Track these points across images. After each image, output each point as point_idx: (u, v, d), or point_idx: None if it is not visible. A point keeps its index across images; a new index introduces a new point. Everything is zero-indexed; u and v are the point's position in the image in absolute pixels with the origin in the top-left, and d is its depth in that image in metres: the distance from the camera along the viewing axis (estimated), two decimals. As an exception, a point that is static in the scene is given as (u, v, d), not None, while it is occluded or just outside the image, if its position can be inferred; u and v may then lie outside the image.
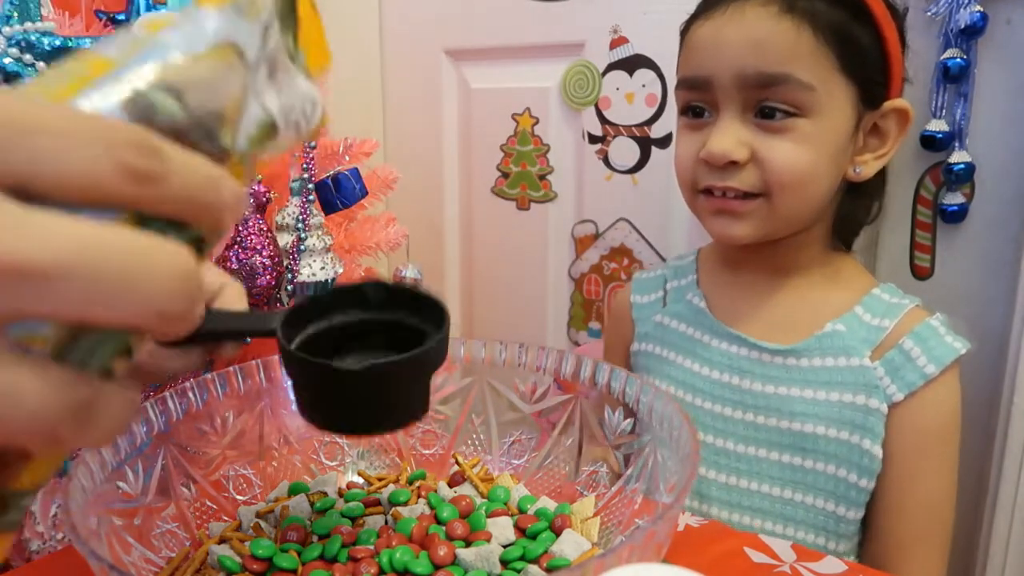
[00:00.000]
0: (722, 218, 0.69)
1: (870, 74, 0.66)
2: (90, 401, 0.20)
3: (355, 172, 0.82)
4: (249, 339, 0.46)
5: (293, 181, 0.79)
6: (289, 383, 0.44)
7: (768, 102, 0.65)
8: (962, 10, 0.84)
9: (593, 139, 1.14)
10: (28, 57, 0.57)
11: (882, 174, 0.73)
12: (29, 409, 0.19)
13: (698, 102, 0.69)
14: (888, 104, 0.68)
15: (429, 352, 0.41)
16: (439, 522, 0.51)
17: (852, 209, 0.73)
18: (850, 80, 0.65)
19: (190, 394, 0.54)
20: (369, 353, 0.43)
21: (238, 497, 0.57)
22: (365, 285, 0.44)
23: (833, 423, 0.68)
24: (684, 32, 0.72)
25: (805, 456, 0.69)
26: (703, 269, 0.80)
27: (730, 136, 0.66)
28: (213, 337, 0.43)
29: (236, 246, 0.71)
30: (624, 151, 1.12)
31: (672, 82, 1.05)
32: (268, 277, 0.74)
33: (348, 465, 0.62)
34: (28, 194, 0.19)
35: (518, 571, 0.46)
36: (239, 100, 0.30)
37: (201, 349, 0.43)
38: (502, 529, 0.50)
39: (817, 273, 0.73)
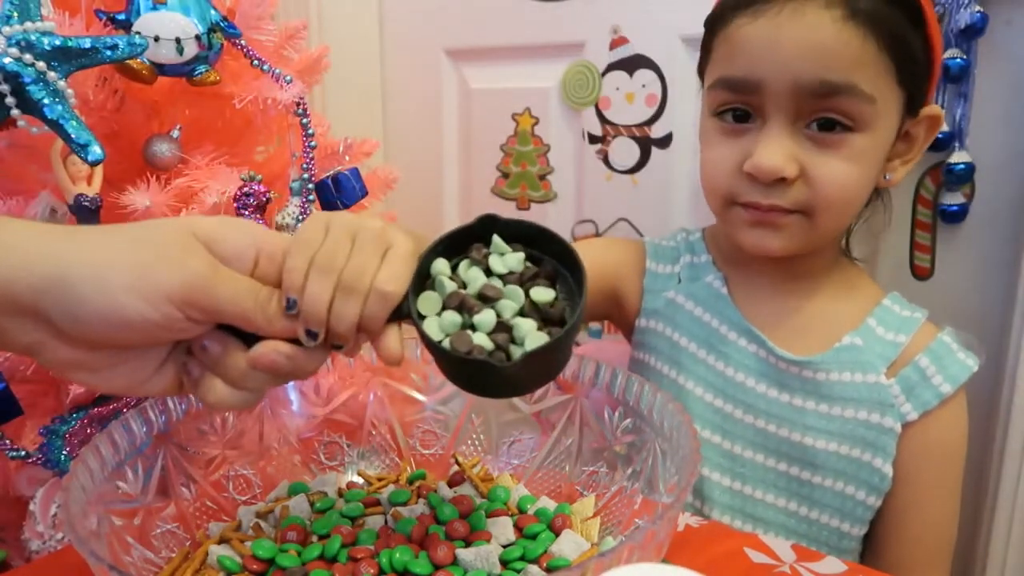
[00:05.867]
0: (759, 230, 0.65)
1: (919, 82, 0.63)
2: None
3: (355, 172, 0.82)
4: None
5: (293, 181, 0.79)
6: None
7: (827, 113, 0.60)
8: (962, 10, 0.84)
9: (593, 139, 1.14)
10: (28, 57, 0.57)
11: None
12: None
13: (742, 105, 0.64)
14: (924, 111, 0.65)
15: (577, 323, 0.42)
16: (439, 522, 0.51)
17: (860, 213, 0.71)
18: (903, 89, 0.62)
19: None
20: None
21: (238, 497, 0.57)
22: (475, 223, 0.45)
23: (845, 440, 0.66)
24: (718, 25, 0.65)
25: (814, 471, 0.68)
26: (714, 249, 0.76)
27: (781, 150, 0.61)
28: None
29: (236, 246, 0.71)
30: (624, 151, 1.12)
31: (672, 82, 1.06)
32: (268, 277, 0.73)
33: (348, 465, 0.62)
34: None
35: (518, 571, 0.46)
36: None
37: (325, 348, 0.43)
38: (502, 529, 0.50)
39: (828, 280, 0.71)
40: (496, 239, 0.44)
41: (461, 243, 0.45)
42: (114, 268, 0.37)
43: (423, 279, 0.44)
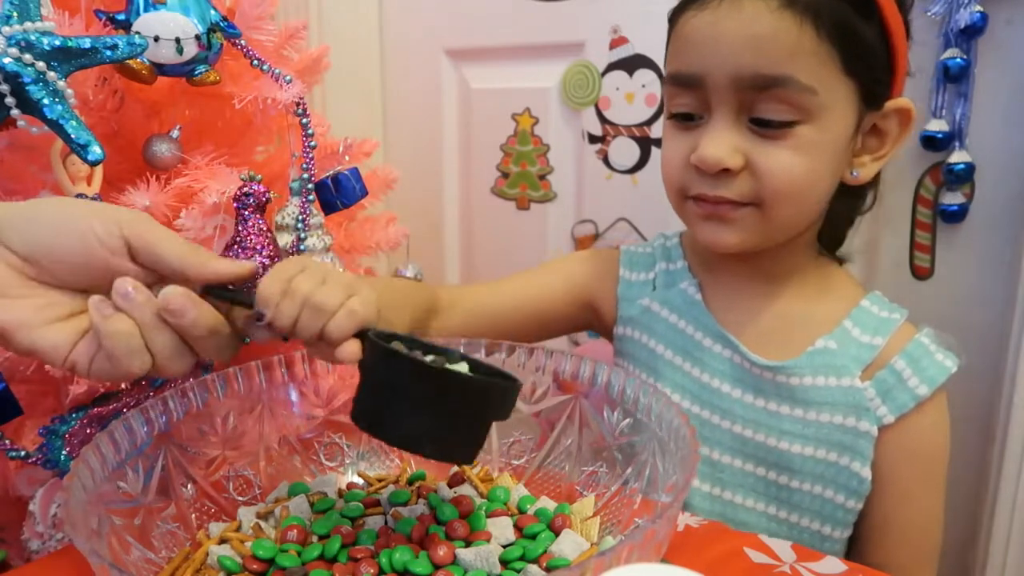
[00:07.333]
0: (711, 224, 0.65)
1: (874, 73, 0.62)
2: None
3: (355, 172, 0.82)
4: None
5: (293, 181, 0.79)
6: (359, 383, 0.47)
7: (763, 112, 0.60)
8: (962, 10, 0.84)
9: (593, 139, 1.14)
10: (28, 57, 0.57)
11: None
12: None
13: (686, 108, 0.65)
14: (890, 104, 0.64)
15: (506, 387, 0.47)
16: (439, 522, 0.51)
17: (840, 212, 0.70)
18: (853, 80, 0.61)
19: (190, 394, 0.54)
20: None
21: (238, 497, 0.57)
22: (451, 351, 0.49)
23: (822, 444, 0.66)
24: (673, 20, 0.67)
25: (792, 476, 0.67)
26: (691, 254, 0.76)
27: (723, 142, 0.61)
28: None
29: (236, 246, 0.71)
30: (624, 151, 1.12)
31: (672, 82, 1.06)
32: (268, 277, 0.73)
33: (348, 466, 0.62)
34: None
35: (518, 571, 0.46)
36: None
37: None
38: (502, 529, 0.50)
39: (804, 281, 0.71)
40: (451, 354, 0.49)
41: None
42: (77, 203, 0.47)
43: None
